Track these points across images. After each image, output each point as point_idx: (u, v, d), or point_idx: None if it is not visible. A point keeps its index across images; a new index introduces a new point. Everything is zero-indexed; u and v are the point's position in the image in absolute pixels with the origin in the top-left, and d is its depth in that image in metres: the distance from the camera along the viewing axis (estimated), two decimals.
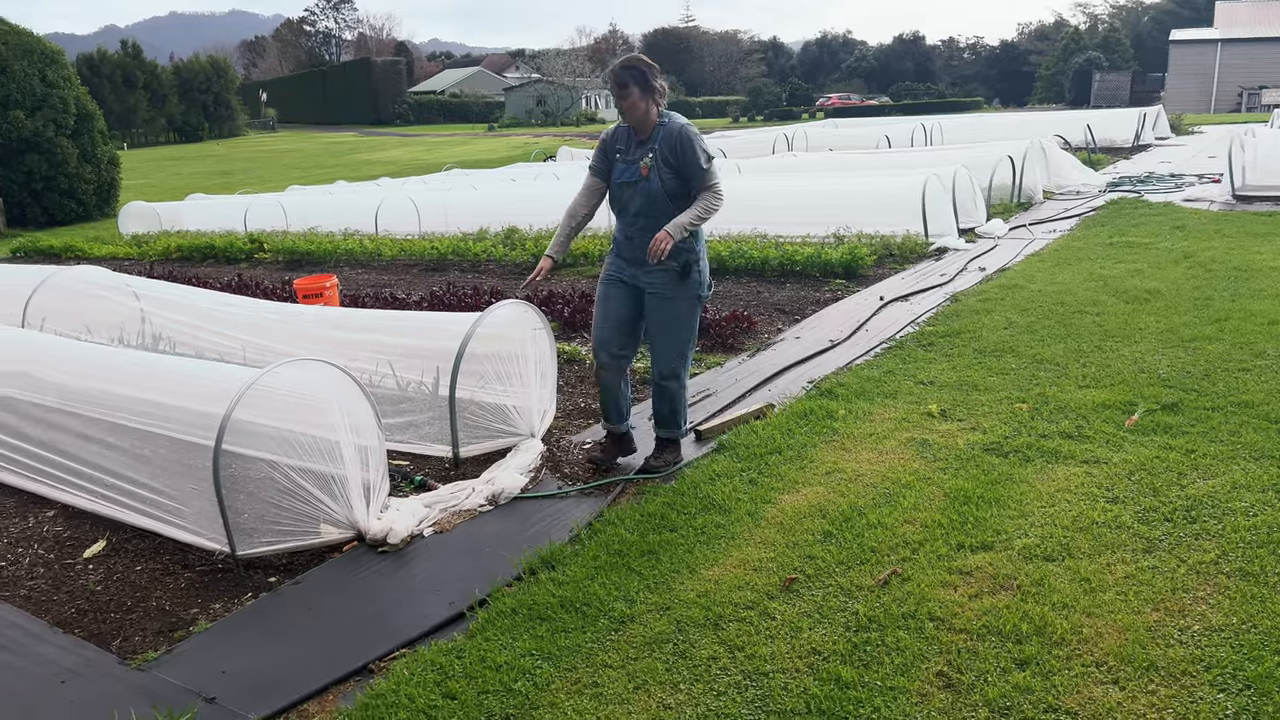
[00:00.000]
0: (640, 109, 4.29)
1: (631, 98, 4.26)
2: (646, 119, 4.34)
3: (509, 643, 3.20)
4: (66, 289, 7.25)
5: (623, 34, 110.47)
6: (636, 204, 4.38)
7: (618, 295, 4.55)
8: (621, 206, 4.48)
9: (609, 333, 4.56)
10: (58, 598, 3.75)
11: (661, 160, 4.30)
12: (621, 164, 4.43)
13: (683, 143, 4.28)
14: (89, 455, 4.57)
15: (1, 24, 22.29)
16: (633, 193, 4.38)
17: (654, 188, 4.32)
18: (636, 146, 4.40)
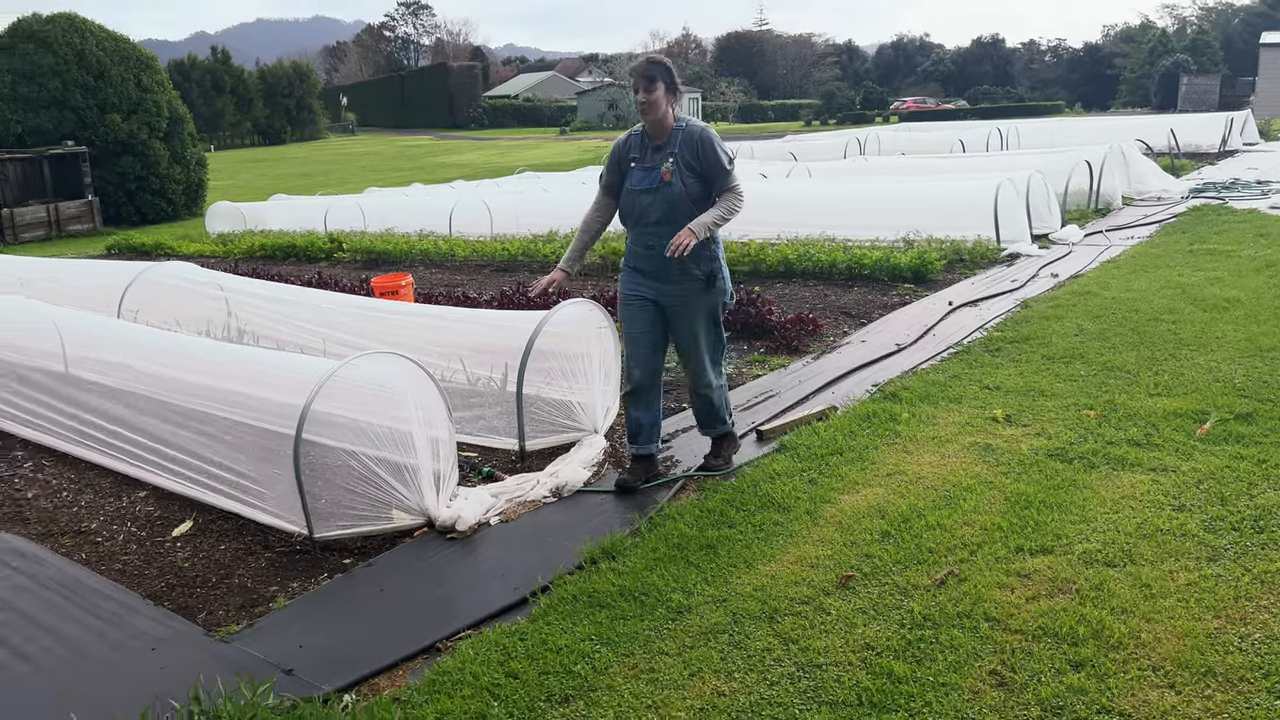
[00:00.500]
0: (662, 108, 4.19)
1: (656, 93, 4.17)
2: (665, 121, 4.24)
3: (569, 627, 3.31)
4: (158, 284, 7.61)
5: (695, 37, 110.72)
6: (657, 211, 4.24)
7: (643, 314, 4.43)
8: (639, 216, 4.33)
9: (642, 353, 4.46)
10: (149, 572, 3.98)
11: (683, 164, 4.20)
12: (638, 171, 4.29)
13: (704, 145, 4.20)
14: (179, 440, 4.82)
15: (101, 31, 23.33)
16: (653, 199, 4.24)
17: (676, 192, 4.20)
18: (653, 152, 4.27)
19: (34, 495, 4.91)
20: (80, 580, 3.92)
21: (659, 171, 4.21)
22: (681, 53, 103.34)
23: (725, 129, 58.67)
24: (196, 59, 57.87)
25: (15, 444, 5.71)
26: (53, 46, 22.26)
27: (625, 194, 4.36)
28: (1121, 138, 16.36)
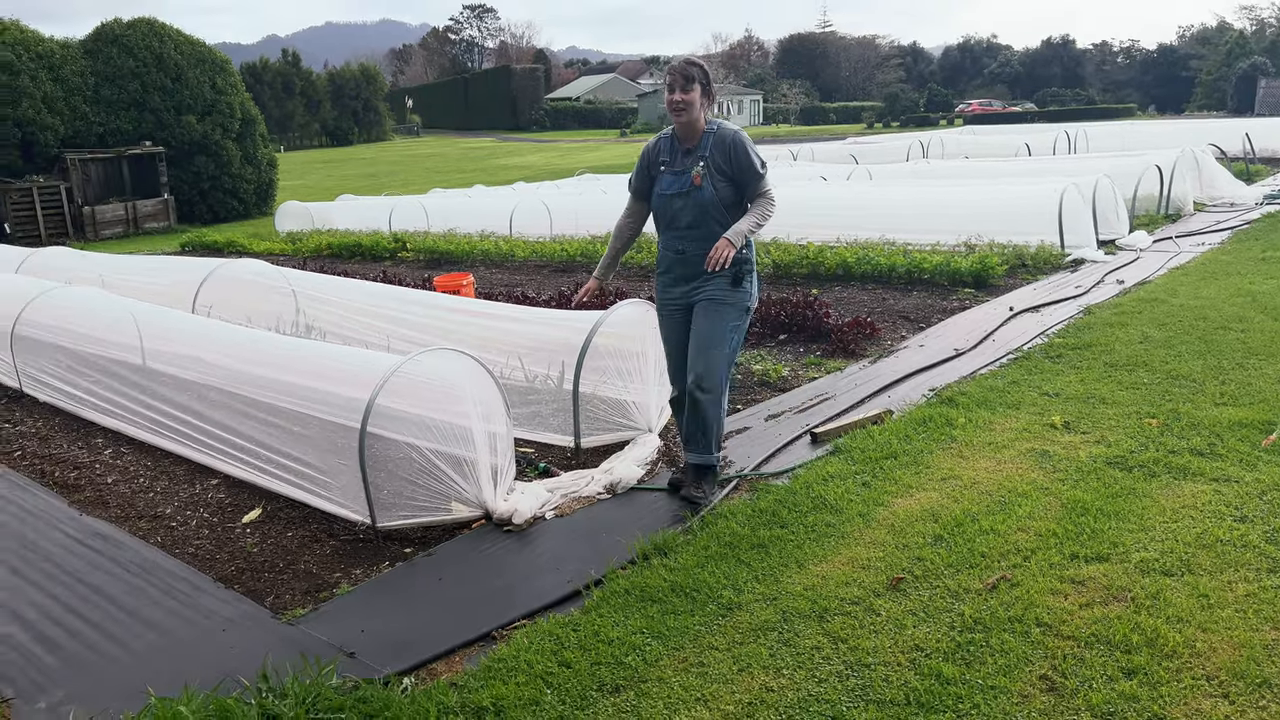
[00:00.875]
0: (695, 109, 4.11)
1: (693, 94, 4.08)
2: (696, 124, 4.16)
3: (621, 620, 3.38)
4: (231, 280, 7.88)
5: (758, 39, 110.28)
6: (688, 216, 4.18)
7: (680, 324, 4.38)
8: (669, 220, 4.27)
9: (676, 363, 4.46)
10: (220, 556, 4.15)
11: (714, 168, 4.12)
12: (668, 175, 4.24)
13: (736, 148, 4.12)
14: (248, 430, 5.01)
15: (179, 35, 24.11)
16: (684, 204, 4.17)
17: (707, 197, 4.12)
18: (684, 156, 4.21)
19: (113, 481, 5.14)
20: (156, 563, 4.11)
21: (689, 175, 4.15)
22: (743, 54, 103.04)
23: (786, 131, 58.38)
24: (268, 62, 59.35)
25: (97, 431, 5.98)
26: (133, 50, 23.08)
27: (656, 198, 4.32)
28: (1194, 142, 15.96)
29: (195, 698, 2.92)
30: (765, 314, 7.61)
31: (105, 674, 3.29)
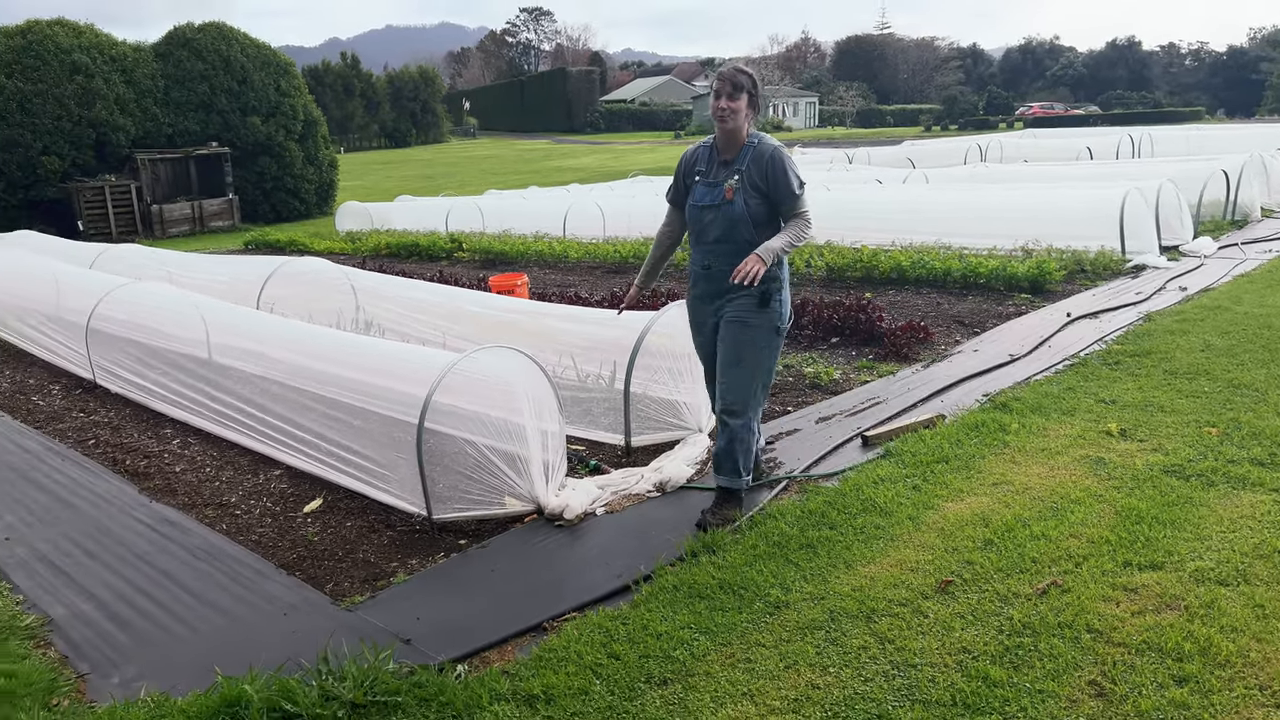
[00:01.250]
0: (740, 119, 3.97)
1: (740, 102, 3.94)
2: (738, 135, 4.01)
3: (669, 615, 3.44)
4: (294, 278, 8.10)
5: (814, 41, 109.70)
6: (717, 229, 4.03)
7: (711, 340, 4.27)
8: (699, 232, 4.14)
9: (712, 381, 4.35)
10: (282, 544, 4.29)
11: (749, 183, 3.97)
12: (701, 186, 4.10)
13: (774, 165, 3.95)
14: (310, 424, 5.16)
15: (245, 39, 24.73)
16: (714, 216, 4.03)
17: (738, 212, 3.98)
18: (720, 167, 4.07)
19: (181, 470, 5.33)
20: (222, 549, 4.26)
21: (722, 188, 4.01)
22: (800, 56, 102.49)
23: (842, 134, 57.92)
24: (329, 64, 60.50)
25: (165, 422, 6.19)
26: (202, 54, 23.73)
27: (688, 209, 4.18)
28: (1263, 146, 15.55)
29: (259, 678, 3.04)
30: (818, 317, 7.61)
31: (174, 653, 3.43)
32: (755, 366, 4.09)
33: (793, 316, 4.30)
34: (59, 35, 22.00)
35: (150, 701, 3.09)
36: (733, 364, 4.10)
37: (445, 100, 71.51)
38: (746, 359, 4.07)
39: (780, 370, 6.64)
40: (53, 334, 7.96)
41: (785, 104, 72.55)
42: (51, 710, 3.11)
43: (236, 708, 2.92)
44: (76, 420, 6.43)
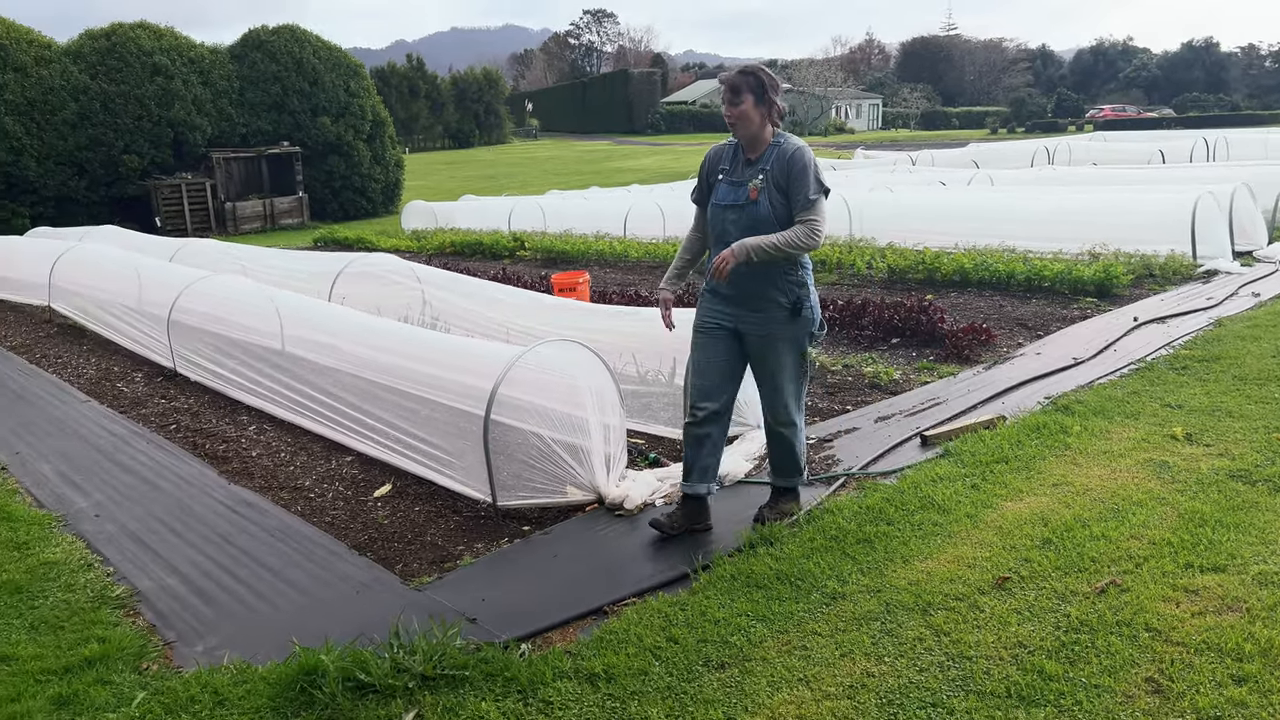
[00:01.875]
0: (752, 121, 3.84)
1: (743, 105, 3.81)
2: (759, 136, 3.88)
3: (727, 602, 3.52)
4: (363, 273, 8.34)
5: (879, 43, 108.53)
6: (739, 230, 3.87)
7: (718, 343, 4.07)
8: (720, 233, 3.97)
9: (712, 383, 4.08)
10: (353, 526, 4.47)
11: (773, 184, 3.83)
12: (725, 185, 3.97)
13: (794, 165, 3.81)
14: (380, 413, 5.34)
15: (318, 41, 25.35)
16: (737, 216, 3.89)
17: (763, 213, 3.83)
18: (745, 167, 3.93)
19: (257, 454, 5.55)
20: (297, 529, 4.45)
21: (746, 188, 3.88)
22: (864, 58, 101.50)
23: (905, 136, 57.27)
24: (395, 66, 61.51)
25: (242, 409, 6.45)
26: (276, 55, 24.40)
27: (711, 208, 4.03)
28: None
29: (334, 650, 3.19)
30: (878, 317, 7.61)
31: (253, 625, 3.61)
32: (797, 377, 4.08)
33: (824, 323, 4.18)
34: (141, 38, 22.80)
35: (233, 668, 3.27)
36: (775, 382, 4.05)
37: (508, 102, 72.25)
38: (786, 374, 4.04)
39: (839, 370, 6.67)
40: (136, 324, 8.31)
41: (848, 106, 71.97)
42: (141, 673, 3.30)
43: (314, 676, 3.07)
44: (159, 406, 6.72)
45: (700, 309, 4.17)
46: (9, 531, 4.55)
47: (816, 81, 68.06)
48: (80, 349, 8.79)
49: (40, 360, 8.41)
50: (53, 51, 22.09)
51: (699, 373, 4.13)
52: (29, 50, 21.54)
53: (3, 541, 4.44)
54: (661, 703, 2.96)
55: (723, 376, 4.09)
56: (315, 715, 2.96)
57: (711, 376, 4.09)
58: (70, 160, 21.88)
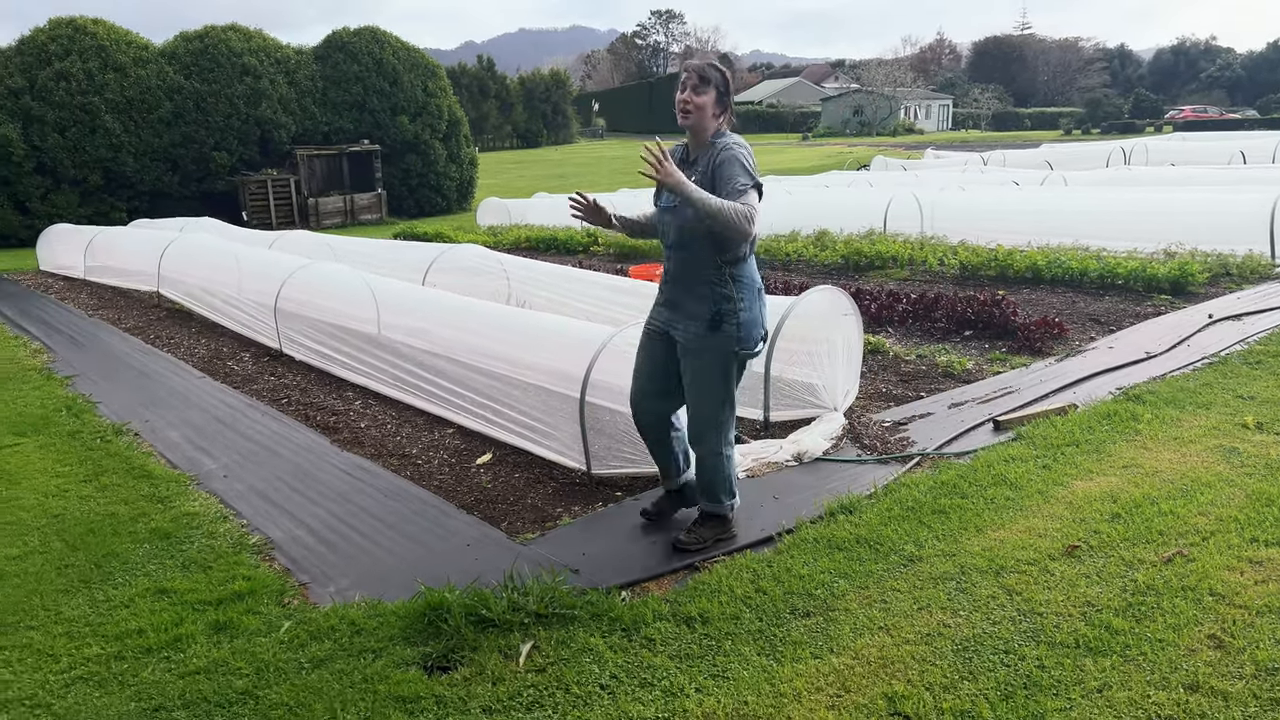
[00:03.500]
0: (705, 114, 3.68)
1: (706, 97, 3.66)
2: (705, 131, 3.72)
3: (810, 561, 3.80)
4: (454, 263, 8.77)
5: (950, 42, 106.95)
6: (673, 233, 3.79)
7: (652, 346, 4.01)
8: (662, 235, 3.92)
9: (640, 386, 4.07)
10: (459, 489, 4.84)
11: (706, 185, 3.63)
12: None
13: (725, 157, 3.62)
14: (478, 391, 5.71)
15: (397, 42, 26.09)
16: (671, 219, 3.79)
17: (687, 215, 3.65)
18: (685, 168, 3.77)
19: (365, 426, 5.98)
20: (408, 491, 4.84)
21: None
22: (934, 58, 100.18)
23: (976, 137, 56.46)
24: (466, 66, 62.64)
25: (346, 386, 6.90)
26: (358, 56, 25.20)
27: (656, 211, 3.98)
28: None
29: (456, 590, 3.55)
30: (951, 310, 7.79)
31: (377, 570, 3.99)
32: (713, 396, 3.85)
33: (766, 337, 3.94)
34: (232, 40, 23.75)
35: (364, 605, 3.65)
36: (691, 397, 3.91)
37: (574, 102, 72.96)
38: (702, 390, 3.86)
39: (913, 359, 6.88)
40: (242, 308, 8.85)
41: (917, 106, 71.19)
42: (284, 606, 3.70)
43: (440, 611, 3.43)
44: (268, 382, 7.21)
45: (648, 316, 4.09)
46: (150, 487, 5.02)
47: (885, 81, 67.44)
48: (189, 331, 9.38)
49: (154, 341, 9.01)
50: (150, 52, 23.13)
51: (634, 378, 4.10)
52: (128, 51, 22.60)
53: (147, 495, 4.91)
54: (753, 642, 3.25)
55: (650, 376, 4.02)
56: (443, 644, 3.32)
57: (640, 379, 4.06)
58: (164, 156, 22.89)
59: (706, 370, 3.82)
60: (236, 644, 3.41)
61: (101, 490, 5.03)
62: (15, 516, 4.72)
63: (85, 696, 3.16)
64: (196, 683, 3.19)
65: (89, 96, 21.66)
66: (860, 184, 18.87)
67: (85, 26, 22.45)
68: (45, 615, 3.71)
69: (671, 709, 2.92)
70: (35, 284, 13.70)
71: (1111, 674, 2.96)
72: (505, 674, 3.14)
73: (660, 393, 4.03)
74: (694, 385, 3.87)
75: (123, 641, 3.48)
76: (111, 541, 4.35)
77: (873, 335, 7.45)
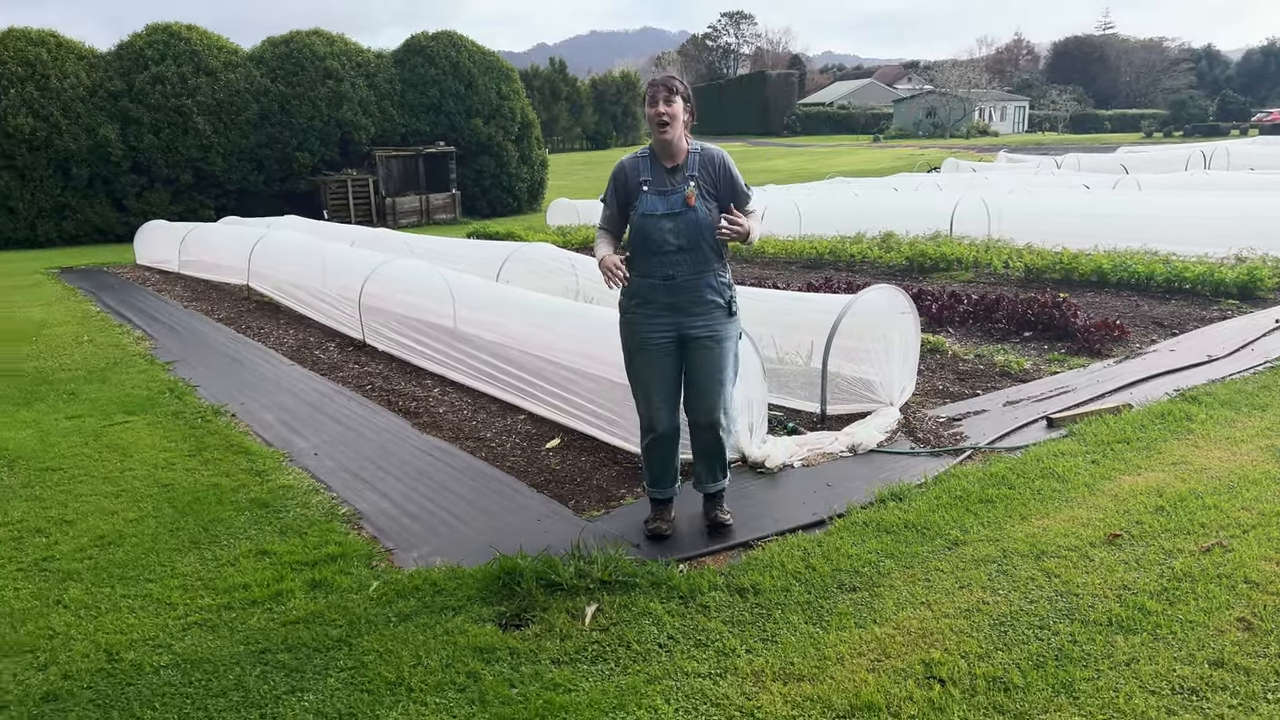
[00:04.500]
0: (679, 126, 3.91)
1: (676, 106, 3.88)
2: (679, 143, 3.96)
3: (859, 542, 4.02)
4: (525, 261, 9.14)
5: (1028, 43, 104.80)
6: (681, 238, 3.93)
7: (661, 361, 4.08)
8: (656, 244, 3.95)
9: (657, 403, 4.13)
10: (530, 470, 5.17)
11: (703, 190, 3.96)
12: (652, 196, 3.97)
13: (725, 168, 4.02)
14: (548, 380, 6.04)
15: (473, 46, 26.76)
16: (674, 225, 3.92)
17: (702, 218, 3.92)
18: (668, 175, 3.97)
19: (443, 411, 6.36)
20: (483, 470, 5.19)
21: (680, 195, 3.94)
22: (1011, 59, 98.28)
23: (1052, 139, 55.35)
24: (538, 69, 63.54)
25: (425, 375, 7.31)
26: (435, 60, 25.93)
27: (640, 220, 3.99)
28: None
29: (528, 557, 3.87)
30: (1011, 311, 7.89)
31: (456, 539, 4.34)
32: (727, 373, 4.14)
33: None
34: (315, 44, 24.66)
35: (444, 568, 3.99)
36: (713, 380, 4.09)
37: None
38: (722, 369, 4.10)
39: (971, 359, 7.02)
40: (328, 301, 9.35)
41: (992, 108, 70.00)
42: (372, 568, 4.06)
43: (513, 575, 3.75)
44: (353, 370, 7.66)
45: (634, 325, 4.10)
46: (248, 462, 5.46)
47: (959, 83, 66.49)
48: (278, 322, 9.93)
49: (246, 330, 9.58)
50: (238, 57, 24.16)
51: (648, 391, 4.13)
52: (219, 56, 23.64)
53: (245, 469, 5.35)
54: (801, 612, 3.50)
55: (674, 388, 4.14)
56: (516, 604, 3.64)
57: (660, 392, 4.11)
58: (251, 156, 23.88)
59: (725, 353, 4.10)
60: (331, 599, 3.78)
61: (205, 464, 5.49)
62: (130, 485, 5.19)
63: (200, 639, 3.55)
64: (296, 630, 3.56)
65: (182, 99, 22.72)
66: (928, 186, 18.84)
67: (180, 32, 23.54)
68: (162, 570, 4.14)
69: (723, 666, 3.18)
70: (134, 277, 14.52)
71: (1140, 649, 3.14)
72: (572, 631, 3.44)
73: (674, 403, 4.17)
74: (713, 369, 4.08)
75: (230, 594, 3.88)
76: (216, 509, 4.78)
77: (932, 335, 7.60)
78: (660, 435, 4.20)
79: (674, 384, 4.15)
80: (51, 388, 7.47)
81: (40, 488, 5.22)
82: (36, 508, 4.92)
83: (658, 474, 4.30)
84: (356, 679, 3.22)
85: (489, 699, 3.06)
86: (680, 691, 3.06)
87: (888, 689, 3.00)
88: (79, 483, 5.27)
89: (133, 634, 3.61)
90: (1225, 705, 2.83)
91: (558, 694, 3.07)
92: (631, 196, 4.04)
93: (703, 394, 4.13)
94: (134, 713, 3.10)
